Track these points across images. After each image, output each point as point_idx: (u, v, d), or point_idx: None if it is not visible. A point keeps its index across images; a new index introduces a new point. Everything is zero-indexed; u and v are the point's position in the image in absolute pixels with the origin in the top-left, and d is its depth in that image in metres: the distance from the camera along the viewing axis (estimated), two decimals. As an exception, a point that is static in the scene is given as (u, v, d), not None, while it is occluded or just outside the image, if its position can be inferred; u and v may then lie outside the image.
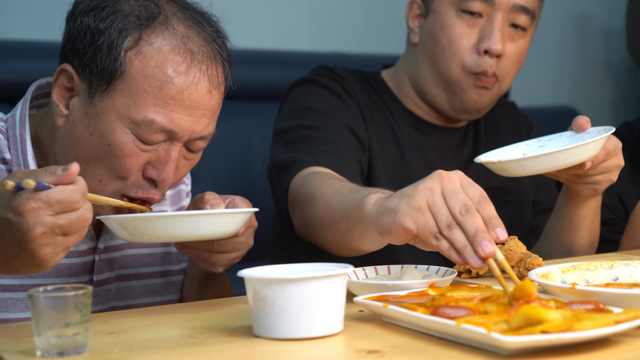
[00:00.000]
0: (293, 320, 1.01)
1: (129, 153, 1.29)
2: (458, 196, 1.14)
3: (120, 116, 1.28)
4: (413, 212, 1.15)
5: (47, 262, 1.08)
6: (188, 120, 1.30)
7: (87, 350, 1.00)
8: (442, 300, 1.07)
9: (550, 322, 0.91)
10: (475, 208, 1.13)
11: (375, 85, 1.88)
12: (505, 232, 1.13)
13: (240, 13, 2.66)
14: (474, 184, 1.17)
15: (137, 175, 1.32)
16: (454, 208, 1.13)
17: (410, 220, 1.15)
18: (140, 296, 1.48)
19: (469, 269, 1.38)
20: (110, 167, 1.30)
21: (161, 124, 1.28)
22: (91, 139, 1.29)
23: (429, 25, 1.80)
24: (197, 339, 1.06)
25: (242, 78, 2.38)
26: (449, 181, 1.16)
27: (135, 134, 1.29)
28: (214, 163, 2.24)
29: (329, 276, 1.02)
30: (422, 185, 1.16)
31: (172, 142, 1.32)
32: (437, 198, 1.15)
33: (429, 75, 1.81)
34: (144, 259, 1.49)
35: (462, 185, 1.16)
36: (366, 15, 2.87)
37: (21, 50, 2.12)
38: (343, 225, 1.39)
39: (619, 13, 3.30)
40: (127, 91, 1.28)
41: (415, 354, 0.95)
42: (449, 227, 1.12)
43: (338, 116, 1.75)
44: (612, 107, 3.40)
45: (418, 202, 1.15)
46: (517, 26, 1.79)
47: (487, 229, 1.11)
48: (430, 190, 1.15)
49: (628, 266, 1.25)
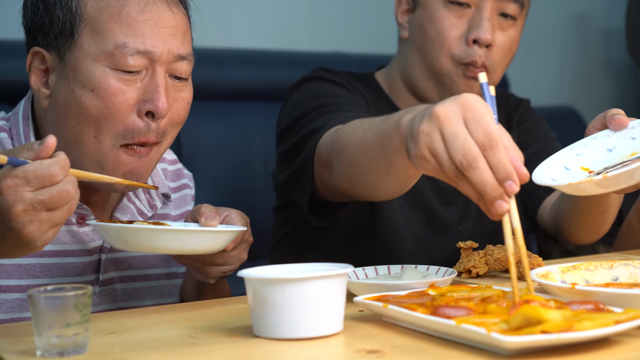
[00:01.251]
0: (293, 320, 1.01)
1: (115, 91, 1.29)
2: (457, 142, 1.01)
3: (94, 57, 1.30)
4: (420, 162, 1.06)
5: (35, 241, 1.07)
6: (159, 38, 1.32)
7: (87, 350, 1.00)
8: (442, 300, 1.07)
9: (550, 322, 0.91)
10: (477, 158, 1.00)
11: (369, 87, 1.88)
12: (517, 184, 1.00)
13: (240, 13, 2.66)
14: (479, 117, 1.01)
15: (130, 118, 1.31)
16: (455, 159, 1.01)
17: (422, 169, 1.06)
18: (145, 297, 1.48)
19: (469, 268, 1.38)
20: (100, 117, 1.30)
21: (133, 45, 1.30)
22: (75, 96, 1.30)
23: (417, 18, 1.80)
24: (197, 339, 1.06)
25: (242, 78, 2.40)
26: (447, 120, 1.02)
27: (113, 67, 1.30)
28: (214, 163, 2.24)
29: (329, 276, 1.02)
30: (420, 129, 1.05)
31: (153, 69, 1.32)
32: (436, 144, 1.03)
33: (419, 69, 1.81)
34: (150, 260, 1.49)
35: (465, 121, 1.02)
36: (366, 15, 2.87)
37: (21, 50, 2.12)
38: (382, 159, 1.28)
39: (619, 13, 3.30)
40: (91, 31, 1.31)
41: (415, 354, 0.95)
42: (457, 178, 1.02)
43: (349, 99, 1.74)
44: (612, 107, 3.38)
45: (421, 152, 1.05)
46: (506, 15, 1.78)
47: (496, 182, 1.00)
48: (427, 136, 1.04)
49: (628, 266, 1.25)
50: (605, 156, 1.36)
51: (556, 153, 1.39)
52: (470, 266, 1.38)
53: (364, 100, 1.80)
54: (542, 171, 1.34)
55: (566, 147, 1.40)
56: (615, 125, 1.38)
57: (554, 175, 1.34)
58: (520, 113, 1.96)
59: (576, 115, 2.90)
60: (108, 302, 1.43)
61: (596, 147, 1.38)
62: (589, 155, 1.37)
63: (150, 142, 1.34)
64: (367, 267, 1.34)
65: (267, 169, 2.27)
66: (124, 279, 1.46)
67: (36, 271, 1.36)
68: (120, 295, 1.45)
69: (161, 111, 1.31)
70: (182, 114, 1.38)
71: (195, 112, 2.22)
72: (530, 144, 1.89)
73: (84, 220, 1.39)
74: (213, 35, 2.58)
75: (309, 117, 1.67)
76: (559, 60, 3.30)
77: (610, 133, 1.39)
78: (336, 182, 1.52)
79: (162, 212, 1.53)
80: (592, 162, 1.36)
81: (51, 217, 1.06)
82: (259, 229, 2.13)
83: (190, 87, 1.40)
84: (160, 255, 1.51)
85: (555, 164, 1.36)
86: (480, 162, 1.00)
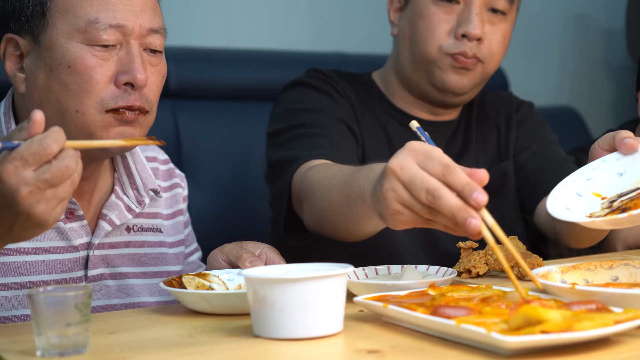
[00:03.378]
0: (293, 320, 1.01)
1: (91, 65, 1.32)
2: (416, 183, 1.07)
3: (67, 35, 1.32)
4: (395, 217, 1.12)
5: (46, 219, 1.05)
6: (130, 12, 1.34)
7: (87, 350, 1.00)
8: (442, 300, 1.07)
9: (550, 322, 0.91)
10: (438, 187, 1.05)
11: (365, 86, 1.90)
12: (484, 193, 1.05)
13: (240, 13, 2.66)
14: (432, 155, 1.08)
15: (109, 87, 1.33)
16: (421, 199, 1.07)
17: (400, 223, 1.12)
18: (141, 294, 1.49)
19: (469, 268, 1.38)
20: (80, 91, 1.32)
21: (105, 19, 1.32)
22: (53, 75, 1.32)
23: (407, 14, 1.83)
24: (197, 339, 1.06)
25: (242, 78, 2.39)
26: (403, 170, 1.09)
27: (87, 42, 1.32)
28: (214, 163, 2.24)
29: (329, 276, 1.02)
30: (384, 189, 1.11)
31: (127, 42, 1.35)
32: (402, 194, 1.09)
33: (409, 61, 1.83)
34: (140, 259, 1.49)
35: (419, 165, 1.08)
36: (366, 15, 2.87)
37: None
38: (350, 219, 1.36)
39: (619, 13, 3.30)
40: (62, 9, 1.33)
41: (415, 354, 0.95)
42: (431, 215, 1.08)
43: (331, 112, 1.77)
44: (611, 107, 3.39)
45: (392, 207, 1.11)
46: (496, 10, 1.80)
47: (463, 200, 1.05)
48: (394, 191, 1.10)
49: (628, 266, 1.25)
50: (616, 181, 1.35)
51: (566, 178, 1.37)
52: (470, 266, 1.38)
53: (350, 105, 1.82)
54: (555, 200, 1.32)
55: (576, 171, 1.38)
56: (625, 149, 1.36)
57: (568, 203, 1.32)
58: (520, 114, 1.96)
59: (576, 115, 2.90)
60: (100, 298, 1.43)
61: (606, 171, 1.36)
62: (600, 181, 1.35)
63: (136, 107, 1.35)
64: (367, 267, 1.34)
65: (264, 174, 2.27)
66: (116, 276, 1.46)
67: (22, 269, 1.36)
68: (115, 292, 1.45)
69: (140, 81, 1.33)
70: (160, 86, 1.41)
71: (195, 112, 2.23)
72: (528, 145, 1.89)
73: (73, 216, 1.40)
74: (213, 35, 2.58)
75: (291, 134, 1.72)
76: (558, 60, 3.30)
77: (620, 156, 1.37)
78: (307, 222, 1.59)
79: (152, 210, 1.53)
80: (604, 188, 1.34)
81: (56, 193, 1.04)
82: (259, 229, 2.13)
83: (164, 61, 1.42)
84: (151, 254, 1.51)
85: (566, 190, 1.34)
86: (441, 190, 1.06)
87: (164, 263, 1.53)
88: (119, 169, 1.50)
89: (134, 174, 1.50)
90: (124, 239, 1.47)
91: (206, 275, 1.32)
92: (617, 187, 1.34)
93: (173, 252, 1.56)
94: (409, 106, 1.88)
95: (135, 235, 1.49)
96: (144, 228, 1.51)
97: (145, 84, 1.35)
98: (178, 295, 1.22)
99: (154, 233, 1.52)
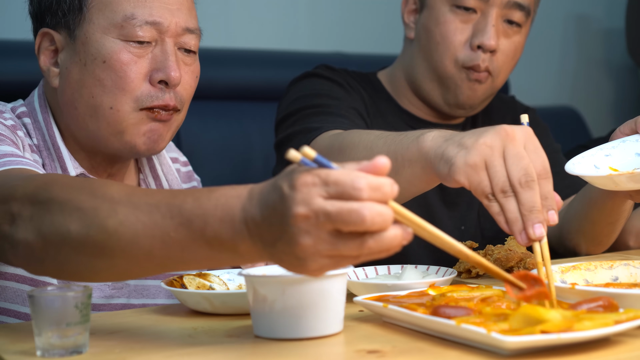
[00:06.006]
0: (293, 320, 1.01)
1: (126, 61, 1.33)
2: (520, 162, 1.06)
3: (104, 30, 1.33)
4: (468, 169, 1.08)
5: (306, 259, 0.88)
6: (166, 10, 1.35)
7: (87, 350, 1.00)
8: (442, 300, 1.07)
9: (550, 322, 0.91)
10: (536, 180, 1.06)
11: (372, 85, 1.89)
12: (557, 218, 1.07)
13: (240, 13, 2.66)
14: (539, 150, 1.08)
15: (144, 85, 1.34)
16: (514, 175, 1.06)
17: (464, 177, 1.09)
18: (157, 296, 1.49)
19: (469, 268, 1.38)
20: (114, 87, 1.33)
21: (142, 16, 1.33)
22: (87, 70, 1.33)
23: (423, 20, 1.81)
24: (197, 339, 1.06)
25: (242, 78, 2.39)
26: (512, 142, 1.08)
27: (123, 39, 1.33)
28: (214, 163, 2.24)
29: (329, 276, 1.02)
30: (482, 140, 1.09)
31: (162, 40, 1.36)
32: (496, 159, 1.07)
33: (423, 70, 1.82)
34: None
35: (526, 149, 1.08)
36: (366, 15, 2.87)
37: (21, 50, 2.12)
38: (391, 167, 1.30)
39: (618, 13, 3.30)
40: (100, 5, 1.34)
41: (415, 354, 0.95)
42: (504, 193, 1.06)
43: (345, 101, 1.75)
44: (611, 107, 3.40)
45: (475, 159, 1.08)
46: (512, 22, 1.79)
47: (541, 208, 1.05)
48: (490, 148, 1.08)
49: (628, 266, 1.25)
50: (633, 160, 1.37)
51: (585, 152, 1.40)
52: (470, 266, 1.38)
53: (362, 101, 1.81)
54: (573, 165, 1.37)
55: (595, 147, 1.40)
56: None
57: (585, 170, 1.36)
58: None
59: (576, 115, 2.90)
60: (120, 297, 1.43)
61: (625, 150, 1.39)
62: (618, 158, 1.38)
63: (171, 106, 1.36)
64: (367, 267, 1.34)
65: (267, 169, 2.26)
66: None
67: None
68: (133, 292, 1.46)
69: (174, 79, 1.34)
70: (193, 86, 1.41)
71: (195, 112, 2.23)
72: None
73: None
74: (213, 35, 2.57)
75: (305, 113, 1.68)
76: (558, 60, 3.30)
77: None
78: None
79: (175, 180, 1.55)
80: (621, 164, 1.37)
81: (335, 242, 0.87)
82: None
83: (198, 62, 1.43)
84: None
85: (585, 160, 1.38)
86: (536, 185, 1.06)
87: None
88: (144, 170, 1.51)
89: (159, 176, 1.50)
90: None
91: (207, 275, 1.32)
92: (635, 165, 1.36)
93: None
94: (415, 109, 1.88)
95: None
96: None
97: (179, 82, 1.36)
98: (179, 295, 1.22)
99: None
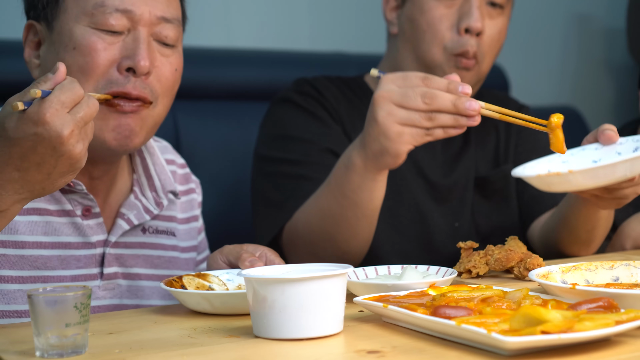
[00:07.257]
0: (293, 320, 1.01)
1: (95, 47, 1.32)
2: (409, 95, 1.22)
3: (76, 18, 1.33)
4: (398, 140, 1.23)
5: (81, 159, 1.10)
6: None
7: (87, 350, 1.00)
8: (442, 300, 1.06)
9: (551, 322, 0.91)
10: (430, 89, 1.20)
11: (357, 90, 1.89)
12: (467, 85, 1.22)
13: (240, 13, 2.66)
14: (407, 74, 1.24)
15: (110, 72, 1.33)
16: (418, 105, 1.21)
17: (404, 144, 1.23)
18: (151, 297, 1.49)
19: (469, 269, 1.38)
20: (81, 73, 1.32)
21: (112, 3, 1.33)
22: (59, 58, 1.33)
23: (407, 12, 1.82)
24: (196, 339, 1.05)
25: (242, 78, 2.39)
26: (390, 93, 1.23)
27: (94, 26, 1.33)
28: (214, 163, 2.23)
29: (329, 276, 1.02)
30: (379, 118, 1.24)
31: (135, 29, 1.34)
32: (399, 112, 1.22)
33: (410, 63, 1.82)
34: (153, 261, 1.50)
35: (399, 87, 1.22)
36: (366, 15, 2.87)
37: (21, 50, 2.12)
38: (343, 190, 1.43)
39: (619, 13, 3.29)
40: None
41: (415, 354, 0.95)
42: (431, 120, 1.21)
43: (318, 142, 1.76)
44: (612, 107, 3.39)
45: (393, 131, 1.23)
46: (494, 4, 1.82)
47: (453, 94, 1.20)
48: (389, 114, 1.22)
49: (628, 266, 1.25)
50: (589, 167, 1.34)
51: (542, 157, 1.42)
52: (470, 266, 1.37)
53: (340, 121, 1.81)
54: (524, 168, 1.39)
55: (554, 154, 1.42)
56: (604, 139, 1.41)
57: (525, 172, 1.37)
58: None
59: (577, 115, 2.90)
60: (112, 297, 1.43)
61: (583, 158, 1.41)
62: (575, 165, 1.38)
63: (133, 95, 1.33)
64: (367, 267, 1.34)
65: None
66: (128, 276, 1.46)
67: (38, 263, 1.36)
68: (125, 292, 1.45)
69: (142, 68, 1.32)
70: (170, 79, 1.38)
71: (195, 112, 2.23)
72: (528, 157, 1.89)
73: (90, 213, 1.40)
74: (213, 35, 2.57)
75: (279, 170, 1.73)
76: (559, 60, 3.30)
77: (599, 146, 1.41)
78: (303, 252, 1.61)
79: (169, 213, 1.53)
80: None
81: (86, 132, 1.10)
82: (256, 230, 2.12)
83: (179, 55, 1.41)
84: (164, 257, 1.52)
85: (539, 164, 1.41)
86: (434, 90, 1.21)
87: (175, 267, 1.53)
88: (137, 170, 1.50)
89: (152, 176, 1.50)
90: (139, 239, 1.48)
91: (206, 275, 1.32)
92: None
93: (184, 257, 1.56)
94: None
95: (150, 237, 1.50)
96: (159, 230, 1.51)
97: (147, 71, 1.33)
98: (179, 296, 1.22)
99: (168, 236, 1.53)
